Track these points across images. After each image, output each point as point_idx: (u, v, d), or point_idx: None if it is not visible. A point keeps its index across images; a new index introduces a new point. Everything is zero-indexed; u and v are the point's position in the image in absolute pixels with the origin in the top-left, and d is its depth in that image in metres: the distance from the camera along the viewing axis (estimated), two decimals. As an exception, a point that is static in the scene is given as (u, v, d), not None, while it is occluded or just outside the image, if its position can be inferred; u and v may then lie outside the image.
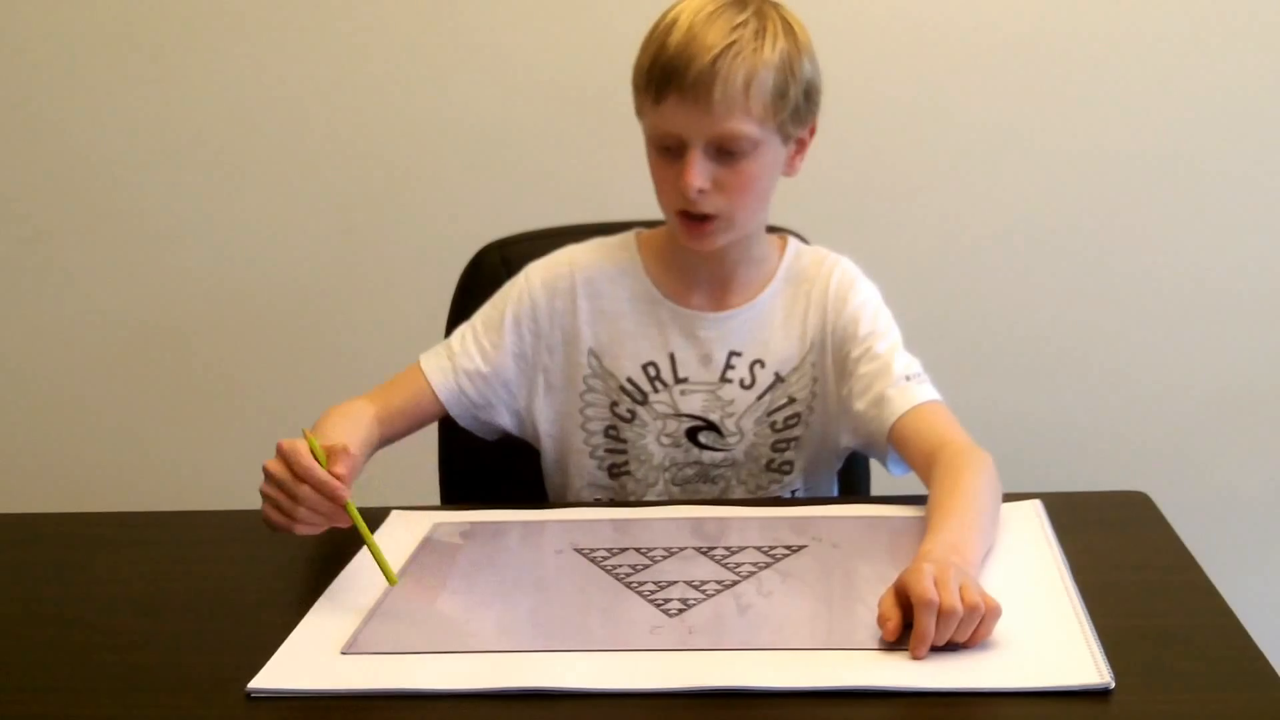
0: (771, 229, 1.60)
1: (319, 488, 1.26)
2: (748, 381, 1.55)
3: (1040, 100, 2.30)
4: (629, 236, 1.60)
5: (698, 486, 1.57)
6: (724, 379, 1.55)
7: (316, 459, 1.28)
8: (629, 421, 1.56)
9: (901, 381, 1.49)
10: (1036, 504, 1.41)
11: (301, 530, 1.29)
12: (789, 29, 1.45)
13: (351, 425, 1.45)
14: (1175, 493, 1.59)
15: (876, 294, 1.58)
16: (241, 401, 2.50)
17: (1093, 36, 2.28)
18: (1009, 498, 1.42)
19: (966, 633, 1.09)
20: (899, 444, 1.48)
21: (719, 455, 1.56)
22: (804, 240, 1.66)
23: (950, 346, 2.34)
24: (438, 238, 2.34)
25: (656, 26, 1.44)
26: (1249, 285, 2.35)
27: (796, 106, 1.45)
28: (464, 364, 1.56)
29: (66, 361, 2.50)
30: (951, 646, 1.09)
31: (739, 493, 1.57)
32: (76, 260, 2.46)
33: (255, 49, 2.37)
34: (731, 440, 1.56)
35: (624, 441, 1.57)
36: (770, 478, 1.57)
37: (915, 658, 1.09)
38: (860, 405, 1.51)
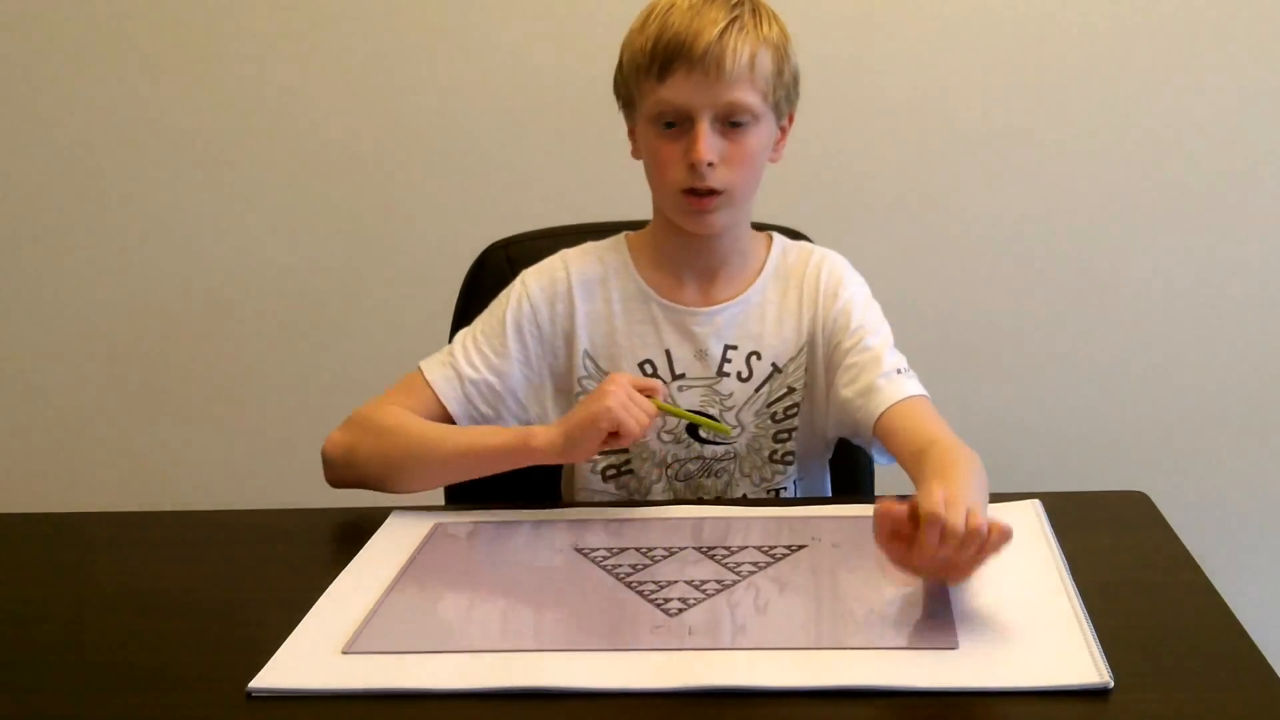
0: (758, 227, 1.61)
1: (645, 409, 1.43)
2: (745, 374, 1.56)
3: (1042, 99, 2.30)
4: (619, 238, 1.61)
5: (701, 481, 1.57)
6: (721, 373, 1.56)
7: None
8: None
9: (892, 373, 1.50)
10: (1036, 504, 1.41)
11: (638, 435, 1.43)
12: (775, 15, 1.51)
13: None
14: (1175, 493, 1.59)
15: (866, 288, 1.60)
16: (246, 402, 2.49)
17: (1095, 35, 2.28)
18: (1009, 497, 1.42)
19: (965, 554, 1.12)
20: (884, 435, 1.47)
21: (720, 449, 1.56)
22: (789, 236, 1.66)
23: (950, 346, 2.34)
24: (442, 237, 2.34)
25: (650, 12, 1.48)
26: (1249, 285, 2.35)
27: (788, 89, 1.51)
28: (469, 373, 1.55)
29: (67, 361, 2.50)
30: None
31: (743, 485, 1.58)
32: (77, 260, 2.46)
33: (261, 48, 2.37)
34: (733, 434, 1.56)
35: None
36: (774, 469, 1.58)
37: (913, 568, 1.14)
38: (847, 393, 1.52)
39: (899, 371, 1.51)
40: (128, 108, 2.40)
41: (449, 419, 1.54)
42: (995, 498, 1.43)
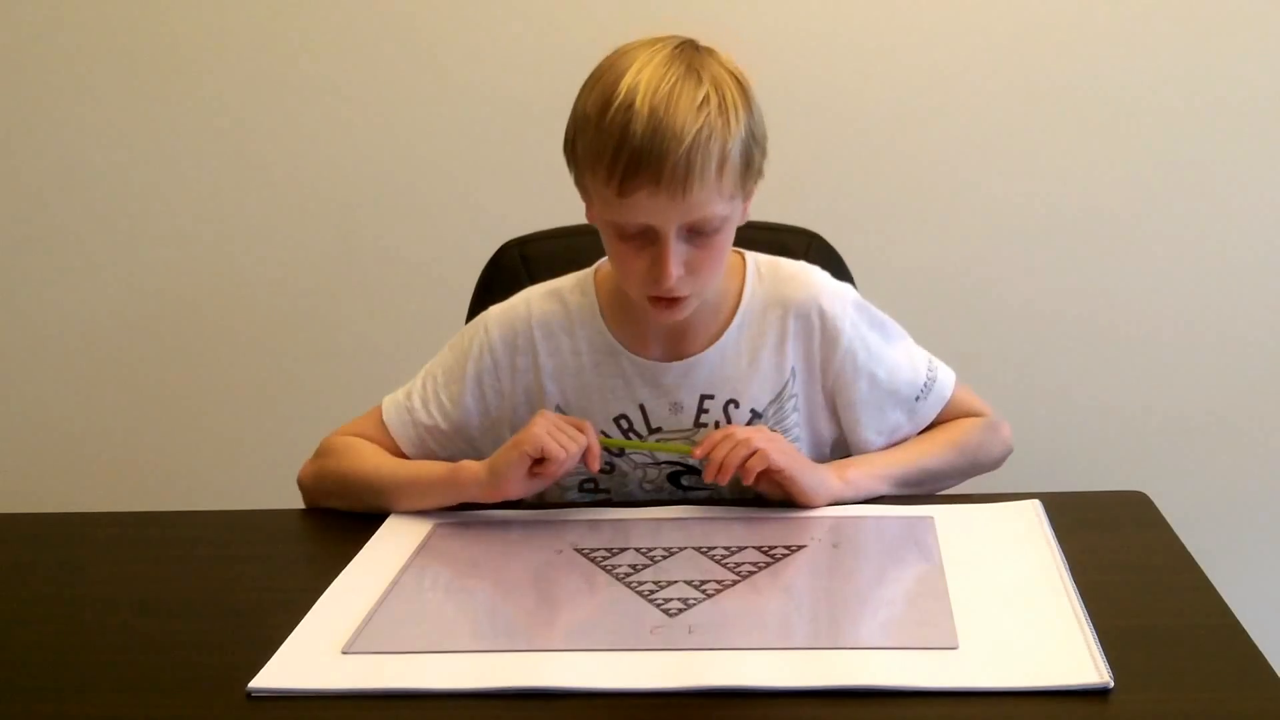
0: (750, 228, 1.52)
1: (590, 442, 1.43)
2: (724, 423, 1.49)
3: (1044, 100, 2.30)
4: (588, 275, 1.53)
5: None
6: (699, 424, 1.50)
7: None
8: (608, 473, 1.52)
9: (910, 405, 1.52)
10: (1036, 504, 1.41)
11: (564, 460, 1.40)
12: (739, 86, 1.37)
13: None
14: (1175, 493, 1.59)
15: (853, 297, 1.52)
16: (253, 400, 2.49)
17: (1100, 35, 2.28)
18: (1009, 497, 1.42)
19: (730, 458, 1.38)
20: None
21: (703, 494, 1.52)
22: (792, 239, 1.64)
23: (950, 346, 2.33)
24: (457, 235, 2.33)
25: (607, 103, 1.33)
26: (1249, 285, 2.35)
27: (758, 169, 1.40)
28: (423, 419, 1.52)
29: (68, 361, 2.50)
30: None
31: None
32: (78, 259, 2.46)
33: (274, 42, 2.36)
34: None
35: (606, 491, 1.54)
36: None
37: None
38: (872, 435, 1.51)
39: (916, 399, 1.52)
40: (150, 99, 2.39)
41: (405, 456, 1.54)
42: (995, 497, 1.43)
